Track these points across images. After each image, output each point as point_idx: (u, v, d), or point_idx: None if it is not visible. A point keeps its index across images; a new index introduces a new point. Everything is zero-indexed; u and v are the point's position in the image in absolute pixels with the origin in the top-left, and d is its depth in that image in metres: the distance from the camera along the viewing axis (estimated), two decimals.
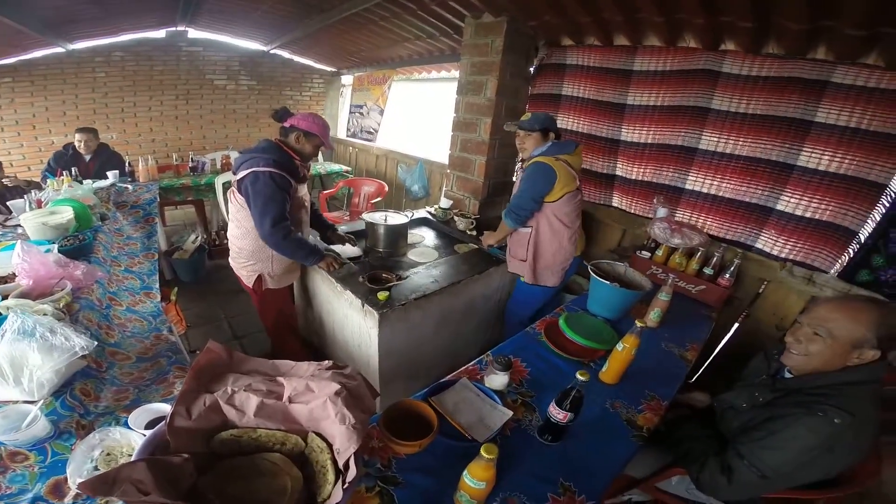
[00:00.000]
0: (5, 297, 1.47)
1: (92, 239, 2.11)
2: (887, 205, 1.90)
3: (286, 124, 2.06)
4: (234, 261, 2.26)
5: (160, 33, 5.18)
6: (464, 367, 1.54)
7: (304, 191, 2.20)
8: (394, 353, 2.09)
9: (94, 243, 2.12)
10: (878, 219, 1.93)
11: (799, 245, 2.19)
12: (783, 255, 2.25)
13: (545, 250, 2.31)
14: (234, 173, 2.01)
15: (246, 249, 2.14)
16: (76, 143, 3.69)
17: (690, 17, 2.07)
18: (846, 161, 1.96)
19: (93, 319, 1.60)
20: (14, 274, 1.61)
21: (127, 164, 3.76)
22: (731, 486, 1.27)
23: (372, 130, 5.79)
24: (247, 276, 2.22)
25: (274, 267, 2.18)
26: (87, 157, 3.73)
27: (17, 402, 1.13)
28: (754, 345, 2.21)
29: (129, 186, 3.33)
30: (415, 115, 5.78)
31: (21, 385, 1.12)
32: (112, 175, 3.42)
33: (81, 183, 3.07)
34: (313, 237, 2.47)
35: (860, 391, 1.19)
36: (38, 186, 3.21)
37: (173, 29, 5.14)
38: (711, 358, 2.45)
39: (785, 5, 1.72)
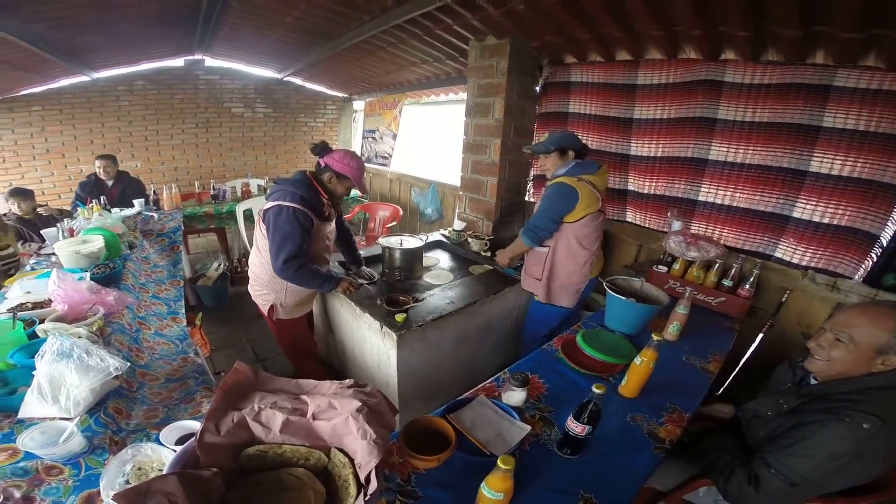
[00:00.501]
0: (41, 321, 1.55)
1: (121, 267, 2.20)
2: None
3: (321, 163, 2.07)
4: (251, 287, 2.29)
5: (179, 62, 5.38)
6: (481, 385, 1.55)
7: (328, 228, 2.21)
8: (412, 373, 2.11)
9: (123, 271, 2.21)
10: None
11: (819, 252, 2.16)
12: (804, 263, 2.22)
13: (560, 271, 2.29)
14: (267, 201, 2.04)
15: (262, 278, 2.17)
16: (97, 170, 3.89)
17: (688, 29, 2.11)
18: (859, 164, 1.96)
19: (124, 342, 1.68)
20: (50, 300, 1.69)
21: (152, 193, 3.92)
22: (760, 496, 1.25)
23: (386, 155, 5.89)
24: (262, 304, 2.25)
25: (287, 298, 2.19)
26: (110, 184, 3.92)
27: (54, 418, 1.19)
28: (781, 354, 2.17)
29: (154, 215, 3.46)
30: (426, 139, 5.87)
31: (59, 403, 1.18)
32: (138, 203, 3.56)
33: (110, 212, 3.21)
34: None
35: (889, 395, 1.16)
36: (70, 215, 3.36)
37: (191, 57, 5.34)
38: (738, 370, 2.40)
39: (776, 13, 1.75)
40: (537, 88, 3.21)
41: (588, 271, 2.29)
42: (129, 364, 1.37)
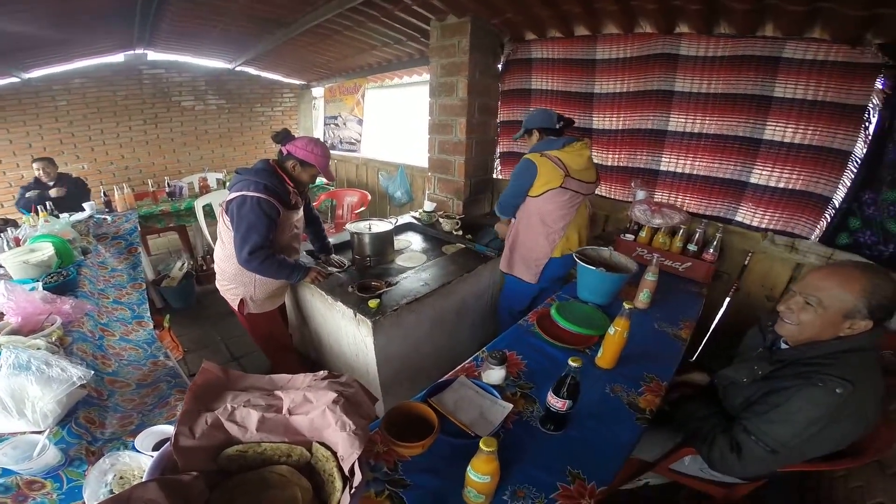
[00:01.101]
0: None
1: (76, 274, 2.08)
2: (855, 169, 1.98)
3: (283, 150, 2.01)
4: (218, 283, 2.22)
5: (118, 57, 5.07)
6: (461, 366, 1.55)
7: (296, 217, 2.15)
8: (392, 358, 2.10)
9: (78, 278, 2.09)
10: (849, 183, 2.00)
11: (777, 214, 2.26)
12: (763, 226, 2.32)
13: (520, 243, 2.32)
14: (229, 192, 1.97)
15: (228, 272, 2.11)
16: (36, 174, 3.72)
17: (643, 3, 2.13)
18: (809, 132, 2.04)
19: (87, 351, 1.62)
20: (1, 313, 1.59)
21: (102, 194, 3.72)
22: (743, 463, 1.27)
23: (353, 141, 5.76)
24: (231, 298, 2.19)
25: (256, 291, 2.14)
26: (51, 185, 3.73)
27: (24, 433, 1.16)
28: (748, 318, 2.27)
29: (107, 217, 3.28)
30: (391, 122, 5.78)
31: (25, 416, 1.15)
32: (89, 206, 3.36)
33: (58, 217, 3.03)
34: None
35: (859, 359, 1.17)
36: (15, 224, 3.16)
37: (132, 52, 5.03)
38: (708, 335, 2.49)
39: None
40: (499, 66, 3.19)
41: (548, 249, 2.26)
42: (93, 372, 1.33)
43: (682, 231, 2.40)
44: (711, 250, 2.30)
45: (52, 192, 3.64)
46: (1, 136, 4.69)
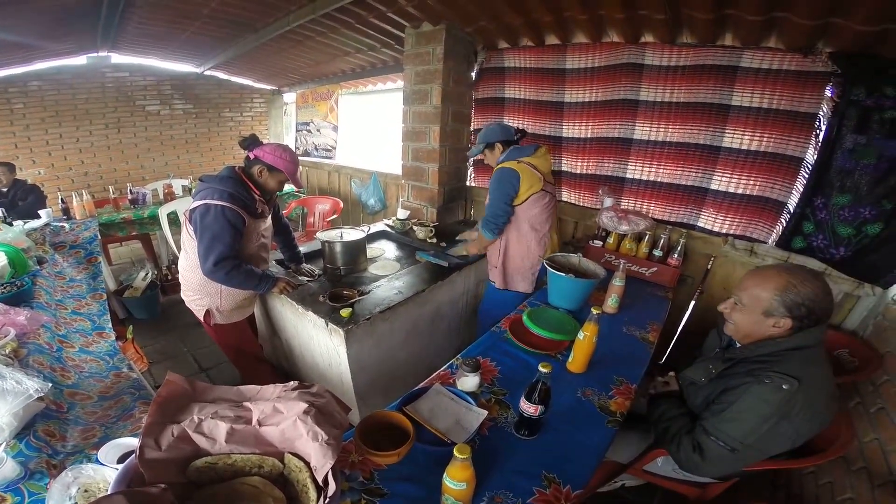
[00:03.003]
0: None
1: (31, 284, 1.99)
2: (807, 175, 2.08)
3: (251, 156, 1.95)
4: (184, 293, 2.15)
5: (80, 59, 4.88)
6: (436, 373, 1.55)
7: (263, 226, 2.09)
8: (365, 368, 2.08)
9: (33, 289, 2.00)
10: (802, 189, 2.11)
11: (736, 220, 2.36)
12: (724, 231, 2.42)
13: (513, 254, 2.30)
14: (193, 200, 1.90)
15: (193, 283, 2.04)
16: None
17: (610, 13, 2.20)
18: (765, 139, 2.15)
19: (44, 363, 1.56)
20: None
21: (59, 201, 3.56)
22: (706, 463, 1.29)
23: (329, 147, 5.67)
24: (196, 309, 2.12)
25: (222, 302, 2.08)
26: (5, 192, 3.56)
27: None
28: (713, 320, 2.34)
29: (65, 225, 3.14)
30: (365, 129, 5.76)
31: None
32: (45, 214, 3.21)
33: (11, 225, 2.88)
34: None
35: (803, 356, 1.21)
36: None
37: (94, 55, 4.84)
38: (676, 338, 2.57)
39: None
40: (473, 74, 3.23)
41: (542, 253, 2.30)
42: (51, 385, 1.27)
43: (647, 237, 2.48)
44: (676, 255, 2.38)
45: None
46: None
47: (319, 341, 2.09)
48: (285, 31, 3.39)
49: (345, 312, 1.93)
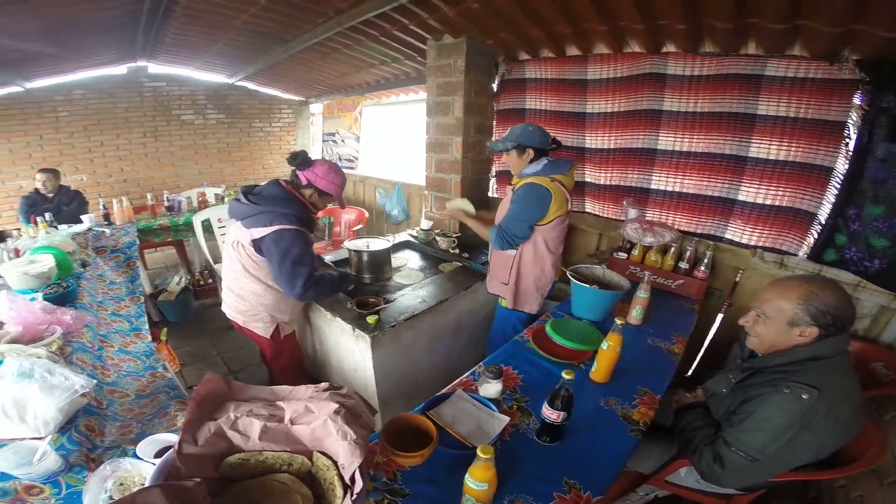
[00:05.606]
0: None
1: (75, 286, 2.10)
2: (838, 185, 2.03)
3: (303, 180, 1.93)
4: (243, 314, 2.08)
5: (121, 69, 5.13)
6: (458, 380, 1.57)
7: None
8: (389, 373, 2.12)
9: (77, 290, 2.11)
10: (833, 199, 2.05)
11: (765, 231, 2.30)
12: (752, 243, 2.36)
13: (528, 275, 2.20)
14: (244, 225, 1.86)
15: (266, 303, 2.01)
16: (37, 185, 3.74)
17: (631, 24, 2.19)
18: (793, 148, 2.10)
19: (87, 361, 1.64)
20: (2, 322, 1.61)
21: (100, 207, 3.74)
22: (727, 474, 1.28)
23: (351, 158, 5.82)
24: (263, 328, 2.08)
25: (290, 315, 2.12)
26: (51, 197, 3.78)
27: (24, 438, 1.17)
28: (741, 335, 2.30)
29: (105, 230, 3.30)
30: (388, 139, 5.86)
31: (26, 423, 1.17)
32: (87, 219, 3.39)
33: (57, 228, 3.04)
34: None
35: (824, 366, 1.20)
36: (9, 235, 3.18)
37: (133, 64, 5.10)
38: (704, 350, 2.52)
39: (710, 7, 1.85)
40: (494, 85, 3.26)
41: (554, 273, 2.25)
42: (95, 382, 1.34)
43: (673, 249, 2.45)
44: (703, 268, 2.34)
45: None
46: (2, 146, 4.72)
47: (345, 346, 2.15)
48: (312, 43, 3.51)
49: (371, 319, 1.98)
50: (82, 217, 3.41)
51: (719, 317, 2.47)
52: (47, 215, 3.29)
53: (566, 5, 2.20)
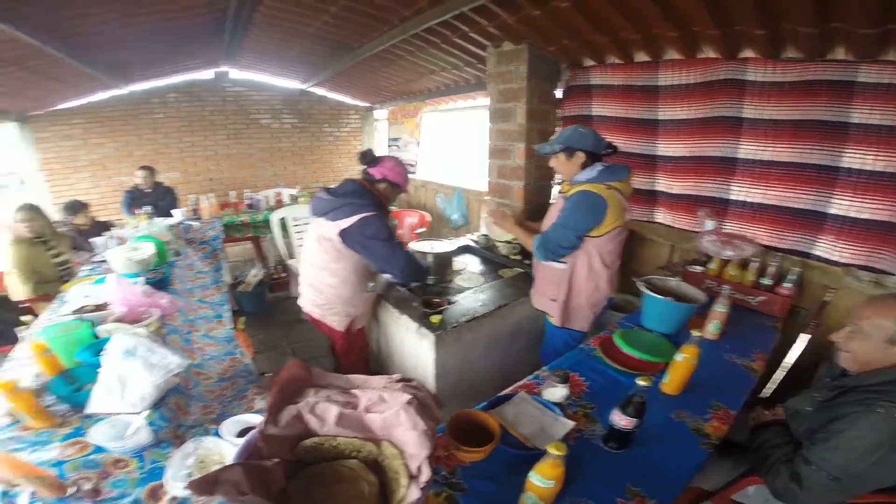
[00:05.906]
0: (101, 323, 1.65)
1: (169, 273, 2.32)
2: None
3: (377, 175, 2.05)
4: (320, 307, 2.17)
5: (208, 74, 5.60)
6: (521, 383, 1.57)
7: None
8: (448, 373, 2.15)
9: (171, 277, 2.32)
10: None
11: (859, 248, 2.10)
12: (843, 261, 2.16)
13: (580, 292, 2.03)
14: (328, 219, 1.95)
15: (343, 296, 2.12)
16: (137, 181, 4.17)
17: (704, 29, 2.09)
18: (892, 159, 1.91)
19: (178, 343, 1.79)
20: (107, 303, 1.79)
21: (189, 203, 4.10)
22: (804, 493, 1.23)
23: (413, 163, 5.97)
24: (338, 321, 2.18)
25: (362, 308, 2.24)
26: (149, 192, 4.20)
27: (119, 413, 1.27)
28: (827, 355, 2.12)
29: (194, 224, 3.61)
30: (447, 145, 5.94)
31: (125, 398, 1.27)
32: (178, 213, 3.72)
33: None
34: None
35: None
36: (110, 226, 3.55)
37: (219, 69, 5.54)
38: (787, 371, 2.35)
39: (790, 12, 1.74)
40: (557, 92, 3.22)
41: (610, 290, 2.08)
42: (188, 362, 1.45)
43: (754, 264, 2.29)
44: (789, 285, 2.17)
45: None
46: (108, 144, 5.32)
47: (409, 343, 2.21)
48: (378, 50, 3.65)
49: (435, 319, 2.03)
50: (173, 211, 3.75)
51: (803, 336, 2.28)
52: (148, 208, 3.64)
53: (633, 13, 2.14)
